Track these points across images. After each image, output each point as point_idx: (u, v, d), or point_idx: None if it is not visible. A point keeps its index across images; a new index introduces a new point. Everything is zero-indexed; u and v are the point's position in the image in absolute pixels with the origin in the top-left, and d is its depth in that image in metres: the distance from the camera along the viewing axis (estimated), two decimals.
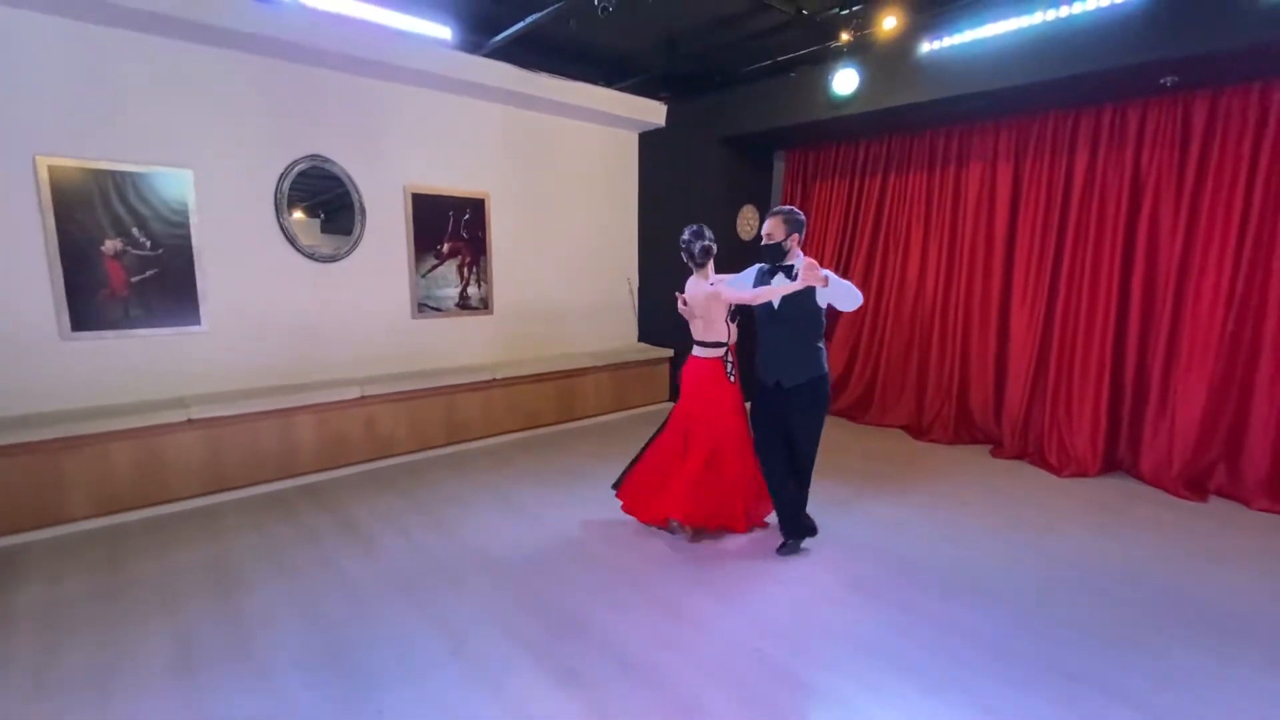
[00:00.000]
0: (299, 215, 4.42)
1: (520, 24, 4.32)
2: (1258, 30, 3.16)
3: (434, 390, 4.84)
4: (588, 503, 3.92)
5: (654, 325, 6.50)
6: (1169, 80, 3.79)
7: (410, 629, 2.60)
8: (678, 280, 3.49)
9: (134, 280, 3.82)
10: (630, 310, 6.62)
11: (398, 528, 3.57)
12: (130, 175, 3.75)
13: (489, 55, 4.74)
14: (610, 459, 4.78)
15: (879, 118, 4.88)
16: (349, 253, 4.65)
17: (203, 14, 3.58)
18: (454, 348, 5.30)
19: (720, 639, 2.54)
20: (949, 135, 5.22)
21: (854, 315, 5.96)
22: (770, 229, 3.05)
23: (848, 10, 4.23)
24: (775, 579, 3.02)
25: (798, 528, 3.27)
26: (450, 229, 5.14)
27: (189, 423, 3.81)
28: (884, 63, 4.49)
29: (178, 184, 3.90)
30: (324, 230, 4.57)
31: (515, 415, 5.36)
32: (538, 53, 4.98)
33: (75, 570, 3.09)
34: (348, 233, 4.64)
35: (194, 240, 3.98)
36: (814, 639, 2.55)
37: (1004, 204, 4.96)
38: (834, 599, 2.85)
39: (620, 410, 6.15)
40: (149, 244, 3.85)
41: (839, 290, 2.83)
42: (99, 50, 3.60)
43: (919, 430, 5.46)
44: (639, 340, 6.68)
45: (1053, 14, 3.70)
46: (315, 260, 4.51)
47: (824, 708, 2.18)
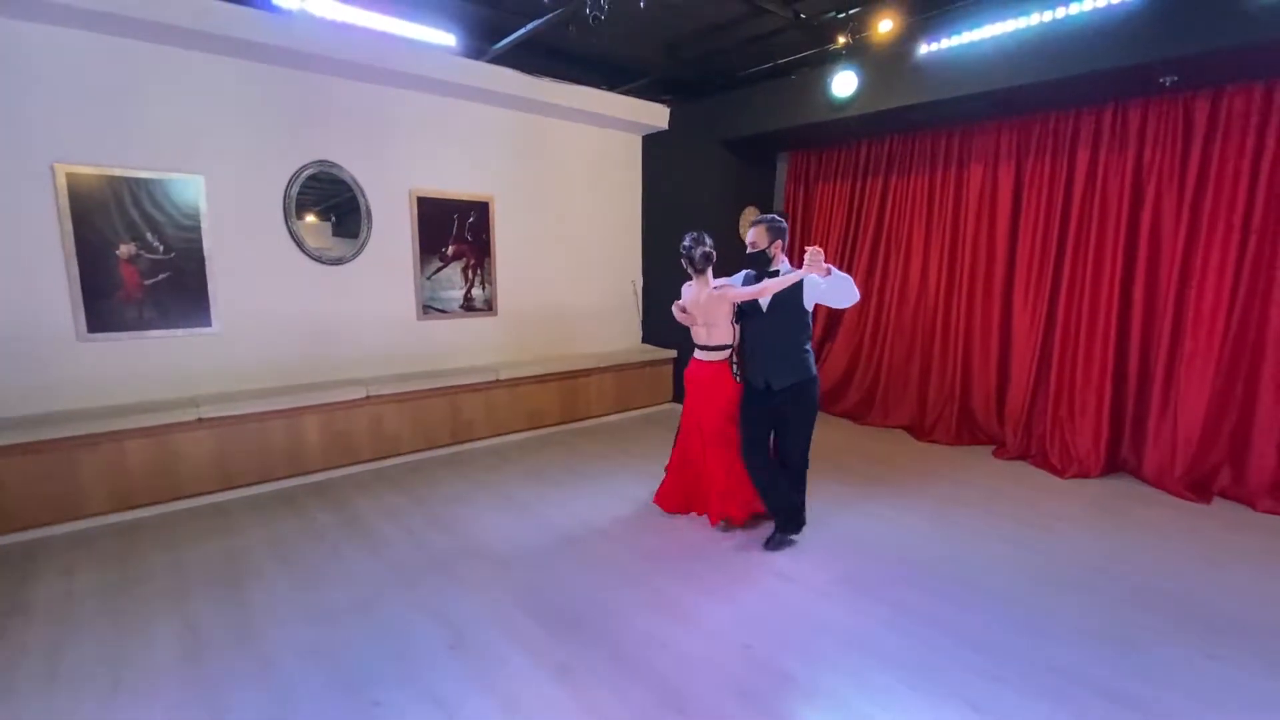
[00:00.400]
0: (307, 219, 4.52)
1: (520, 31, 4.39)
2: (1258, 30, 3.15)
3: (439, 391, 4.92)
4: (589, 502, 3.98)
5: (658, 327, 6.54)
6: (1169, 80, 3.77)
7: (410, 623, 2.66)
8: (681, 282, 3.54)
9: (147, 283, 3.94)
10: (634, 312, 6.67)
11: (401, 525, 3.65)
12: (144, 181, 3.86)
13: (492, 61, 4.82)
14: (612, 459, 4.84)
15: (879, 119, 4.90)
16: (355, 256, 4.75)
17: (215, 25, 3.69)
18: (458, 349, 5.38)
19: (713, 636, 2.58)
20: (950, 136, 5.22)
21: (856, 316, 5.98)
22: (754, 238, 3.20)
23: (844, 14, 4.26)
24: (770, 576, 3.05)
25: (787, 524, 3.34)
26: (455, 232, 5.23)
27: (200, 422, 3.92)
28: (882, 65, 4.51)
29: (190, 190, 4.02)
30: (333, 234, 4.66)
31: (519, 416, 5.43)
32: (540, 57, 5.05)
33: (89, 564, 3.20)
34: (354, 236, 4.74)
35: (205, 244, 4.10)
36: (805, 636, 2.58)
37: (1005, 204, 4.96)
38: (827, 596, 2.88)
39: (624, 411, 6.20)
40: (162, 248, 3.96)
41: (839, 283, 2.92)
42: (115, 61, 3.72)
43: (921, 431, 5.46)
44: (643, 342, 6.73)
45: (1049, 15, 3.71)
46: (323, 263, 4.60)
47: (815, 704, 2.21)
